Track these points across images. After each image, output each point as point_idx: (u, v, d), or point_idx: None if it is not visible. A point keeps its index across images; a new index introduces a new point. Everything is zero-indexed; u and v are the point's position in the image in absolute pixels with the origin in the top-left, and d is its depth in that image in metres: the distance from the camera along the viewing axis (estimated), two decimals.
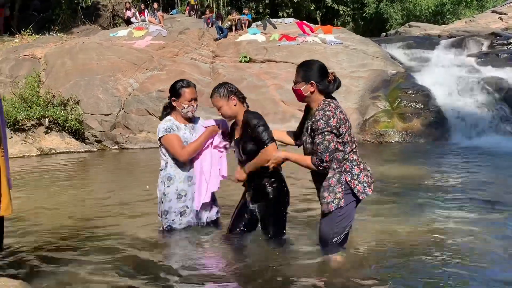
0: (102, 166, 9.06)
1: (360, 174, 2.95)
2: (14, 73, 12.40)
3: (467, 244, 3.34)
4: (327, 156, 2.82)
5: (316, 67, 2.96)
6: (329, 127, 2.80)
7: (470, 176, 5.98)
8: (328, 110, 2.84)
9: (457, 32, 16.71)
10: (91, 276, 2.84)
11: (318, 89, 2.91)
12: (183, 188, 3.51)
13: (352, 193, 2.92)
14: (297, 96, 3.03)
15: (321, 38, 13.82)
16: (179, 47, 13.40)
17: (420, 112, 10.42)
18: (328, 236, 2.97)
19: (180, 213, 3.53)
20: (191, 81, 3.63)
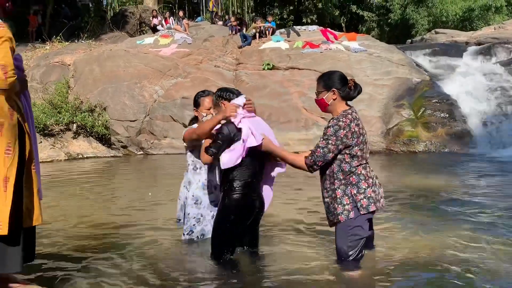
0: (127, 171, 9.26)
1: (368, 189, 2.96)
2: (45, 79, 12.82)
3: (490, 264, 3.29)
4: (320, 162, 2.92)
5: (336, 75, 3.05)
6: (335, 137, 2.87)
7: (494, 190, 5.85)
8: (342, 120, 2.90)
9: (485, 39, 16.38)
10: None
11: (341, 96, 2.99)
12: (198, 195, 3.61)
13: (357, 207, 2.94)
14: (320, 107, 3.10)
15: (345, 45, 13.77)
16: (204, 54, 13.59)
17: (445, 121, 10.27)
18: (344, 251, 2.98)
19: (197, 220, 3.63)
20: (211, 91, 3.70)
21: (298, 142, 10.51)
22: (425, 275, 3.08)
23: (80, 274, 3.14)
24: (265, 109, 11.24)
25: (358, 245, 2.97)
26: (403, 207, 5.05)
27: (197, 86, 11.67)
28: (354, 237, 2.95)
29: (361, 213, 2.93)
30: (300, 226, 4.35)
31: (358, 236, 2.96)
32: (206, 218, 3.64)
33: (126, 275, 3.11)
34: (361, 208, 2.92)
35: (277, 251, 3.57)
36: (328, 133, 2.89)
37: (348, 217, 2.92)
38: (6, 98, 2.56)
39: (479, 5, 24.15)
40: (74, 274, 3.12)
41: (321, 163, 2.93)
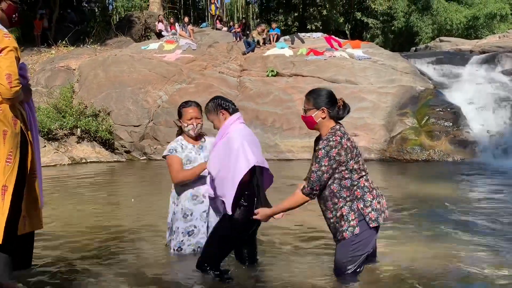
0: (130, 176, 9.27)
1: (373, 201, 2.93)
2: (50, 84, 12.90)
3: (486, 274, 3.28)
4: (317, 186, 2.86)
5: (325, 93, 2.99)
6: (327, 158, 2.82)
7: (497, 201, 5.82)
8: (332, 139, 2.84)
9: (490, 48, 16.36)
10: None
11: (330, 115, 2.94)
12: (188, 207, 3.53)
13: (365, 221, 2.89)
14: (307, 124, 3.03)
15: (349, 53, 13.79)
16: (208, 60, 13.64)
17: (448, 130, 10.24)
18: (342, 265, 2.95)
19: (188, 233, 3.54)
20: (194, 101, 3.67)
21: (301, 149, 10.52)
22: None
23: (78, 280, 3.14)
24: (268, 116, 11.28)
25: (358, 260, 2.93)
26: (404, 216, 5.03)
27: (201, 92, 11.72)
28: (356, 252, 2.91)
29: (371, 226, 2.89)
30: (296, 239, 4.32)
31: (360, 251, 2.92)
32: (201, 230, 3.54)
33: (125, 282, 3.11)
34: (371, 221, 2.88)
35: (275, 263, 3.56)
36: (320, 155, 2.83)
37: (353, 233, 2.88)
38: (10, 107, 2.59)
39: (484, 13, 24.13)
40: (72, 280, 3.12)
41: (319, 187, 2.87)
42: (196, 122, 3.58)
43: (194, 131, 3.60)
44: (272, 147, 10.71)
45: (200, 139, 3.68)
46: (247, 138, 3.04)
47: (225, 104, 3.20)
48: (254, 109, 11.48)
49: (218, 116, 3.16)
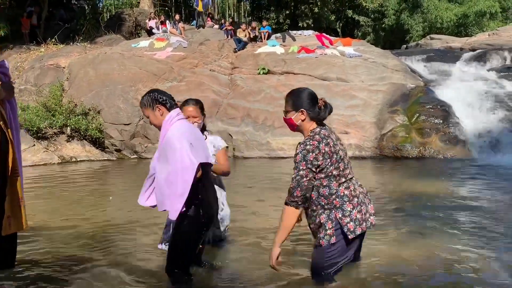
0: (120, 175, 9.21)
1: (353, 210, 2.83)
2: (39, 82, 12.76)
3: (475, 272, 3.30)
4: (298, 191, 2.74)
5: (305, 94, 2.88)
6: (304, 162, 2.73)
7: (486, 198, 5.87)
8: (309, 144, 2.75)
9: (480, 45, 16.48)
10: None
11: (310, 117, 2.85)
12: None
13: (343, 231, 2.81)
14: (289, 126, 2.94)
15: (340, 50, 13.81)
16: (199, 58, 13.58)
17: (439, 127, 10.29)
18: (319, 270, 2.91)
19: (166, 226, 3.62)
20: (194, 100, 3.61)
21: (292, 147, 10.48)
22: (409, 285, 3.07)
23: (64, 278, 3.10)
24: (260, 114, 11.25)
25: (335, 266, 2.88)
26: (392, 213, 5.05)
27: (192, 90, 11.66)
28: (331, 259, 2.85)
29: (350, 237, 2.81)
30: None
31: (336, 259, 2.86)
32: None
33: (110, 280, 3.08)
34: (349, 232, 2.80)
35: (244, 264, 3.54)
36: (297, 160, 2.75)
37: (329, 242, 2.81)
38: None
39: (474, 11, 24.31)
40: (57, 279, 3.09)
41: (299, 192, 2.74)
42: (193, 121, 3.52)
43: None
44: (263, 145, 10.70)
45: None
46: (186, 135, 2.85)
47: (162, 98, 2.94)
48: (246, 107, 11.45)
49: (154, 112, 2.91)
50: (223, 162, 3.60)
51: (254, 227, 4.56)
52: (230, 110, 11.45)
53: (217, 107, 11.56)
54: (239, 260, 3.60)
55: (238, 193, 6.25)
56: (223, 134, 10.92)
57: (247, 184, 7.27)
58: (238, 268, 3.43)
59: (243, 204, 5.56)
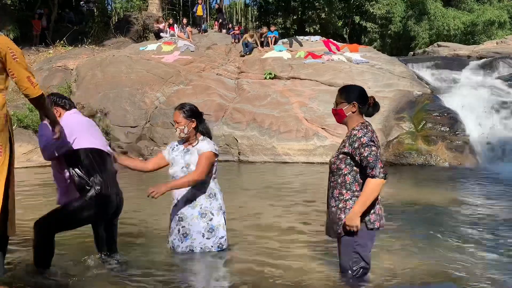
0: (126, 177, 9.21)
1: (377, 205, 2.92)
2: (47, 83, 12.86)
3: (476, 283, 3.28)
4: (380, 163, 2.81)
5: (358, 90, 3.04)
6: (372, 141, 2.84)
7: (492, 205, 5.83)
8: (368, 130, 2.89)
9: (487, 53, 16.41)
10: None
11: (359, 111, 2.96)
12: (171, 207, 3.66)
13: (365, 221, 2.86)
14: (337, 117, 3.05)
15: (347, 56, 13.82)
16: (206, 62, 13.64)
17: (445, 135, 10.25)
18: (348, 267, 2.94)
19: (170, 232, 3.67)
20: (180, 104, 3.65)
21: (298, 152, 10.51)
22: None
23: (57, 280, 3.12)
24: (265, 118, 11.26)
25: (362, 261, 2.92)
26: (394, 222, 5.01)
27: (199, 94, 11.72)
28: (358, 251, 2.90)
29: (369, 228, 2.88)
30: (300, 236, 4.33)
31: (361, 251, 2.91)
32: (174, 231, 3.60)
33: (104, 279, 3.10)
34: (369, 223, 2.87)
35: (278, 263, 3.55)
36: (364, 142, 2.84)
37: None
38: (4, 104, 2.58)
39: (482, 20, 24.22)
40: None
41: (381, 163, 2.83)
42: (176, 127, 3.57)
43: (179, 135, 3.60)
44: (269, 150, 10.70)
45: (193, 142, 3.60)
46: (83, 124, 3.27)
47: (61, 101, 3.28)
48: (251, 112, 11.47)
49: (55, 112, 3.20)
50: (197, 167, 3.43)
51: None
52: (236, 114, 11.47)
53: (223, 111, 11.59)
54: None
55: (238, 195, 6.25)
56: (229, 138, 10.95)
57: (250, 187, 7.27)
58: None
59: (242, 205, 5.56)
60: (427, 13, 24.90)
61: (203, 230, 3.49)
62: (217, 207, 3.56)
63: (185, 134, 3.53)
